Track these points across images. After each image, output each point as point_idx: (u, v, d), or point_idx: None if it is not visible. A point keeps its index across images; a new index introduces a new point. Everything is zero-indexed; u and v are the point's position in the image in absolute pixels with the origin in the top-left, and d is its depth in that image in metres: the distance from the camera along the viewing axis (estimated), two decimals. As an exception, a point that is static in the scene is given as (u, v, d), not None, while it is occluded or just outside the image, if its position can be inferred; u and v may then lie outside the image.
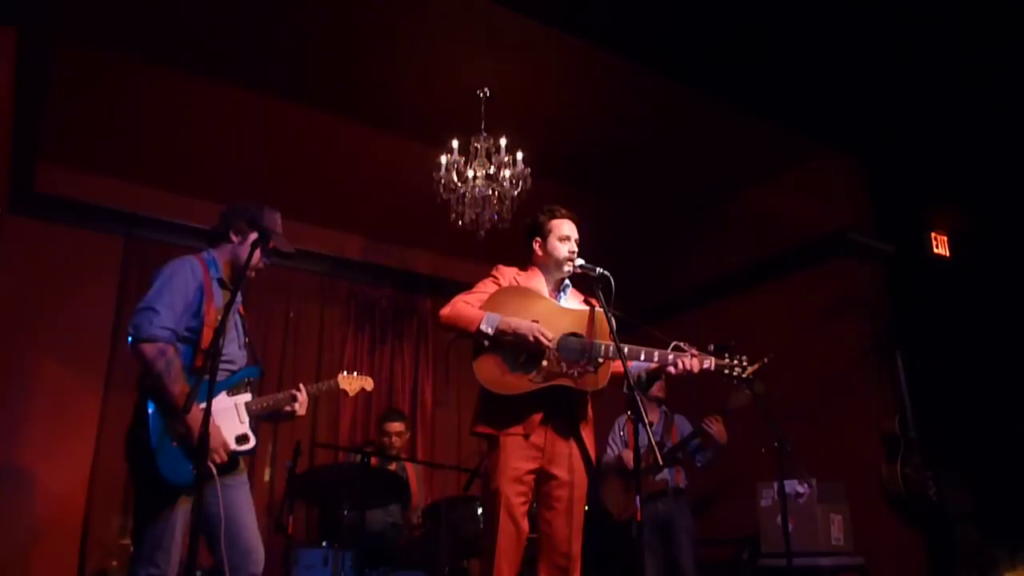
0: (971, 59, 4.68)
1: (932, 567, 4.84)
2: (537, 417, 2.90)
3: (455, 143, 4.94)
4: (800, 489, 4.70)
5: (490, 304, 2.95)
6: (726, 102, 5.08)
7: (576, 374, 2.87)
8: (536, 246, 3.17)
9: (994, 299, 5.16)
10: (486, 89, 4.99)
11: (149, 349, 2.51)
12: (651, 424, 4.86)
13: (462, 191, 4.94)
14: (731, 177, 6.03)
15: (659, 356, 2.91)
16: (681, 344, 2.94)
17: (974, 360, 5.03)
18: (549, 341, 2.84)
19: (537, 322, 2.88)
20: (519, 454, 2.86)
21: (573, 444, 2.96)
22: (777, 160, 5.76)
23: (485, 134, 4.98)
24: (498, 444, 2.88)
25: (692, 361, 2.91)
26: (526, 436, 2.88)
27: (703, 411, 4.73)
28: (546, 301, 3.03)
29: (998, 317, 5.09)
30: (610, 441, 5.01)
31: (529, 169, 4.91)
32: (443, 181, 4.90)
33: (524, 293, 3.03)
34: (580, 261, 3.02)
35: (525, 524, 2.88)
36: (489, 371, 2.88)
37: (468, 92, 4.99)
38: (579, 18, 4.39)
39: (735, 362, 2.97)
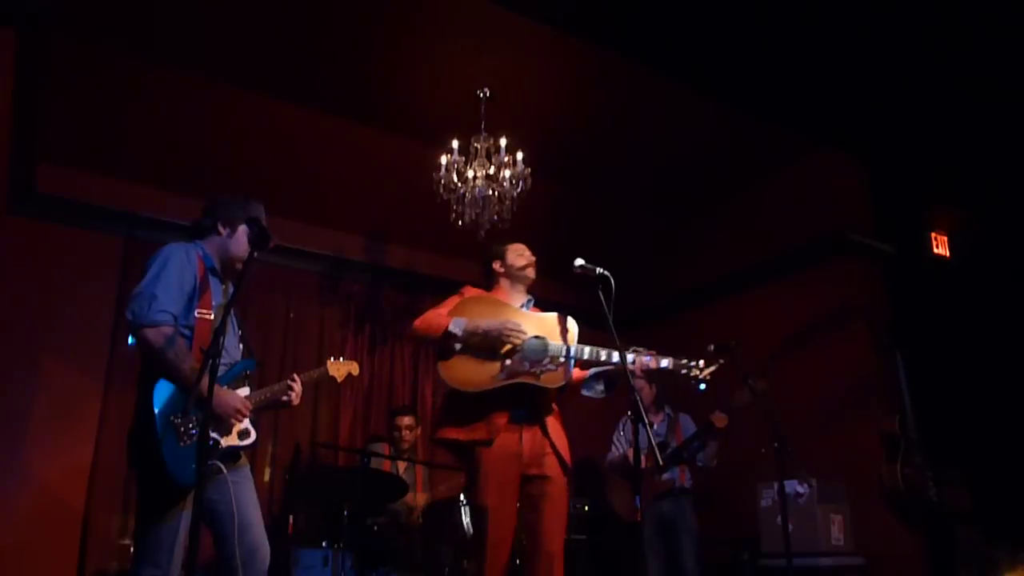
0: (971, 59, 4.68)
1: (932, 567, 4.84)
2: (501, 419, 2.99)
3: (455, 143, 4.94)
4: (800, 489, 4.70)
5: (459, 310, 3.09)
6: (726, 102, 5.08)
7: (539, 373, 2.98)
8: (496, 266, 3.34)
9: (994, 299, 5.16)
10: (486, 89, 4.99)
11: (152, 334, 2.48)
12: (652, 425, 4.88)
13: (462, 191, 4.94)
14: (731, 177, 6.02)
15: (619, 357, 2.97)
16: (639, 348, 3.03)
17: (974, 360, 5.03)
18: (521, 333, 2.96)
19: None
20: (501, 465, 2.96)
21: (546, 443, 3.06)
22: (777, 160, 5.75)
23: (485, 134, 4.98)
24: (478, 456, 2.96)
25: (650, 361, 2.99)
26: (489, 442, 2.96)
27: (704, 410, 4.74)
28: (512, 308, 3.18)
29: (998, 317, 5.10)
30: (615, 440, 5.01)
31: (529, 169, 4.91)
32: (443, 181, 4.90)
33: (491, 301, 3.20)
34: (580, 261, 2.92)
35: (512, 525, 2.98)
36: (455, 371, 3.01)
37: (468, 92, 4.99)
38: (579, 18, 4.39)
39: (692, 363, 3.01)
